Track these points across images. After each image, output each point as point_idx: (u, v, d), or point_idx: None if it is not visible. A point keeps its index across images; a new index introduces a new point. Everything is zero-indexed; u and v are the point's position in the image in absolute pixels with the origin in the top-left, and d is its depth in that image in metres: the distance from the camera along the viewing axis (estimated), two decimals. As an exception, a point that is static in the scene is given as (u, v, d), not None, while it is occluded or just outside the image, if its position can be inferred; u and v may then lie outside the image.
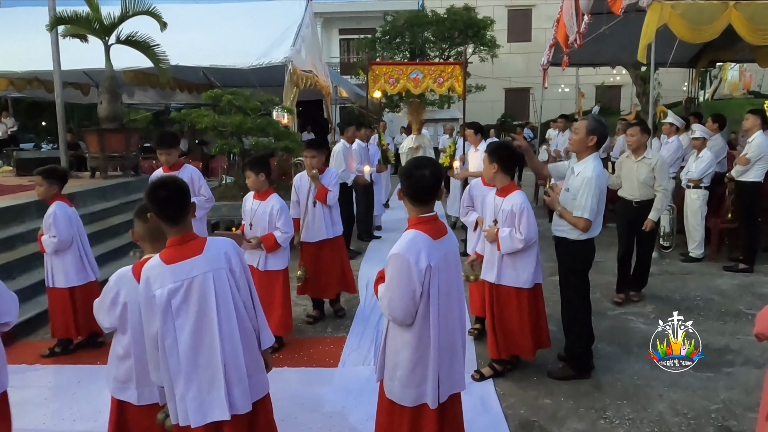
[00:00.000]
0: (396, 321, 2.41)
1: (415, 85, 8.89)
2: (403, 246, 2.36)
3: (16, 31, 11.94)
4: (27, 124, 17.37)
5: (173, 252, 2.32)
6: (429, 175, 2.40)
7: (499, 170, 3.77)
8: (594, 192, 3.61)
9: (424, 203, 2.45)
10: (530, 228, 3.68)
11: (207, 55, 10.63)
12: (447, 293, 2.45)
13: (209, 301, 2.32)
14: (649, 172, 5.33)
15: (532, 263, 3.81)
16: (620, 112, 24.99)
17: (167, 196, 2.30)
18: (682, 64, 11.56)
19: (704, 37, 6.21)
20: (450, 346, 2.49)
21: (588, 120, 3.81)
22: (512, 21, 27.33)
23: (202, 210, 4.86)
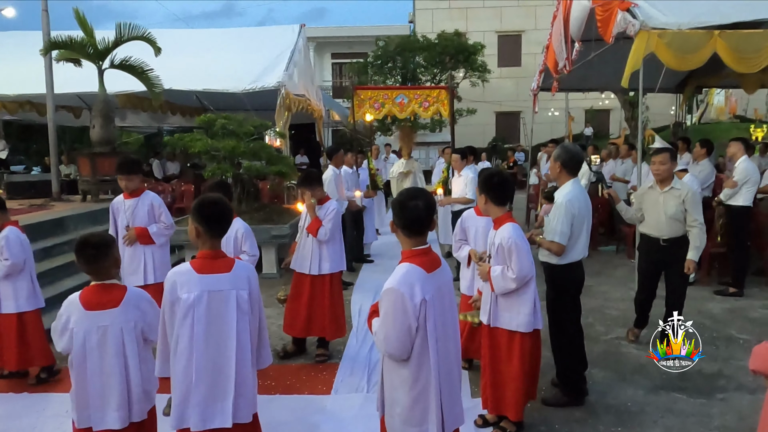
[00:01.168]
0: (392, 357, 2.36)
1: (400, 110, 8.88)
2: (397, 280, 2.32)
3: (10, 55, 11.98)
4: (17, 147, 17.29)
5: (206, 264, 2.55)
6: (423, 206, 2.38)
7: (489, 201, 3.43)
8: (564, 216, 3.67)
9: (417, 235, 2.43)
10: (522, 264, 3.28)
11: (200, 79, 10.72)
12: (443, 327, 2.42)
13: (230, 316, 2.53)
14: (679, 205, 4.63)
15: (528, 304, 3.39)
16: (609, 136, 25.32)
17: (218, 213, 2.58)
18: (669, 89, 11.76)
19: (690, 65, 6.33)
20: (449, 381, 2.45)
21: (556, 148, 3.94)
22: (502, 46, 27.78)
23: (161, 237, 4.69)
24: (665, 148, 4.82)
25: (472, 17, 27.62)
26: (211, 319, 2.50)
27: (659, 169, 4.70)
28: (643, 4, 6.32)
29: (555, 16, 9.18)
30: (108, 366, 2.65)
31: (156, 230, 4.66)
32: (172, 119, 15.24)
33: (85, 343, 2.64)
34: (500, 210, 3.44)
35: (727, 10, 6.34)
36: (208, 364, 2.49)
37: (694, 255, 4.63)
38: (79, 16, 8.94)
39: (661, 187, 4.76)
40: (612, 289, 6.82)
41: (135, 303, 2.75)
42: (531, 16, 27.03)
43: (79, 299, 2.69)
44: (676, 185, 4.70)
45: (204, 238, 2.57)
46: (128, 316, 2.70)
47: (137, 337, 2.72)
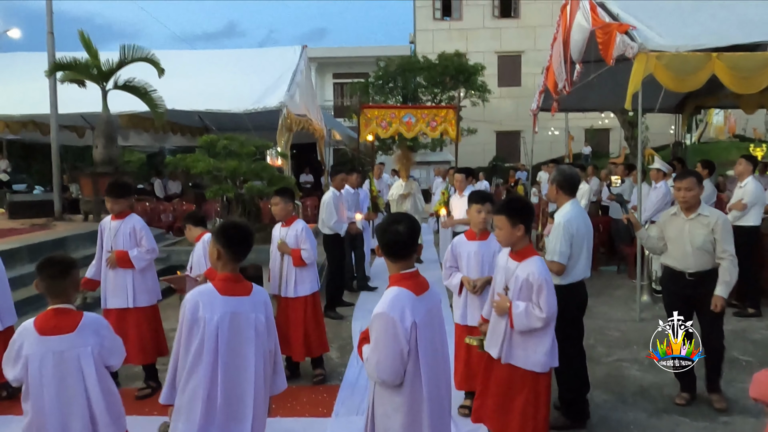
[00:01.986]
0: (385, 383, 2.33)
1: (407, 129, 8.78)
2: (387, 304, 2.31)
3: (15, 75, 12.12)
4: (20, 166, 17.37)
5: (228, 286, 2.58)
6: (403, 230, 2.39)
7: (525, 233, 3.12)
8: (562, 236, 3.71)
9: (401, 259, 2.43)
10: (551, 303, 3.03)
11: (203, 99, 10.81)
12: (434, 350, 2.41)
13: (250, 339, 2.56)
14: (707, 235, 4.08)
15: (546, 342, 3.10)
16: (609, 155, 25.41)
17: (241, 237, 2.64)
18: (668, 109, 11.84)
19: (689, 86, 6.39)
20: (440, 406, 2.44)
21: (553, 170, 4.02)
22: (502, 66, 28.06)
23: (141, 261, 4.61)
24: (690, 171, 4.40)
25: (472, 38, 27.94)
26: (232, 341, 2.51)
27: (685, 195, 4.15)
28: (642, 27, 6.40)
29: (555, 38, 9.29)
30: (67, 395, 2.58)
31: (136, 254, 4.59)
32: (175, 139, 15.35)
33: (41, 370, 2.56)
34: (527, 240, 3.17)
35: (725, 33, 6.42)
36: (230, 386, 2.50)
37: (723, 291, 4.05)
38: (84, 39, 9.06)
39: (686, 215, 4.21)
40: (613, 309, 6.79)
41: (93, 328, 2.68)
42: (530, 37, 27.34)
43: (34, 325, 2.62)
44: (703, 212, 4.16)
45: (225, 260, 2.60)
46: (85, 341, 2.63)
47: (96, 362, 2.65)
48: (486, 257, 3.93)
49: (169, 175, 16.60)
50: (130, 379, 4.83)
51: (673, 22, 6.76)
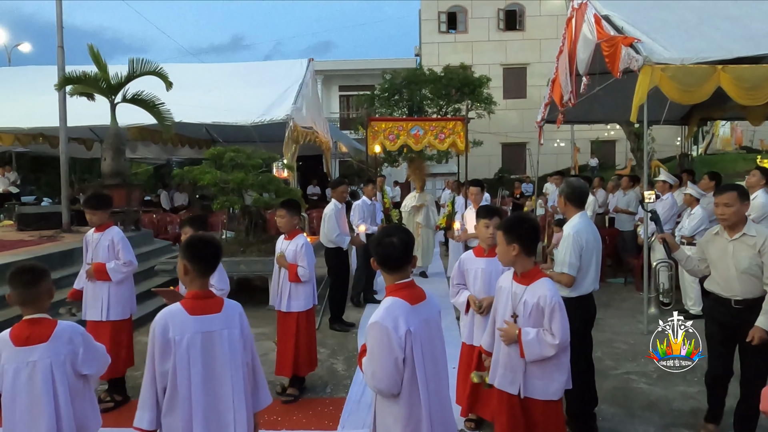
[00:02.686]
0: (382, 393, 2.35)
1: (415, 142, 8.70)
2: (381, 314, 2.33)
3: (25, 89, 12.27)
4: (28, 178, 17.53)
5: (197, 304, 2.53)
6: (397, 242, 2.41)
7: (521, 253, 2.91)
8: (572, 247, 3.70)
9: (396, 270, 2.45)
10: (565, 328, 2.85)
11: (210, 112, 10.91)
12: (433, 360, 2.42)
13: (224, 356, 2.52)
14: (754, 257, 3.61)
15: (564, 370, 2.94)
16: (615, 167, 25.38)
17: (209, 252, 2.58)
18: (674, 121, 11.84)
19: (695, 98, 6.39)
20: (442, 416, 2.44)
21: (562, 183, 4.03)
22: (507, 79, 28.15)
23: (118, 274, 4.60)
24: (733, 186, 3.92)
25: (478, 50, 28.08)
26: (206, 361, 2.48)
27: (725, 212, 3.73)
28: (646, 40, 6.42)
29: (561, 50, 9.33)
30: (37, 404, 2.54)
31: (113, 267, 4.59)
32: (182, 151, 15.46)
33: (15, 381, 2.54)
34: (530, 262, 2.96)
35: (730, 45, 6.43)
36: (208, 407, 2.46)
37: (765, 322, 3.47)
38: (94, 53, 9.17)
39: (729, 234, 3.77)
40: (620, 322, 6.75)
41: (67, 337, 2.64)
42: (535, 49, 27.44)
43: (9, 336, 2.60)
44: (749, 231, 3.70)
45: (192, 276, 2.56)
46: (58, 350, 2.59)
47: (68, 372, 2.62)
48: (494, 275, 3.74)
49: (176, 187, 16.71)
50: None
51: (678, 35, 6.79)
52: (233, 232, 8.76)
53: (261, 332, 6.65)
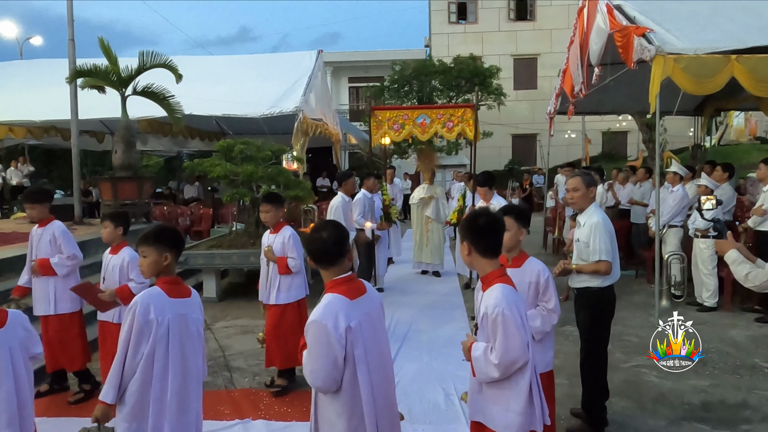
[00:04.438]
0: (320, 390, 2.35)
1: (422, 131, 8.19)
2: (320, 312, 2.30)
3: (36, 82, 12.34)
4: (41, 171, 17.69)
5: (174, 288, 2.72)
6: (326, 237, 2.39)
7: (474, 251, 2.53)
8: (604, 234, 3.66)
9: (331, 265, 2.41)
10: (510, 345, 2.36)
11: (220, 104, 10.91)
12: (377, 353, 2.42)
13: (193, 338, 2.73)
14: None
15: (521, 398, 2.43)
16: (627, 158, 25.16)
17: (181, 240, 2.80)
18: (687, 112, 11.71)
19: (708, 89, 6.31)
20: (389, 408, 2.45)
21: (581, 176, 3.85)
22: (518, 69, 27.92)
23: (63, 268, 4.56)
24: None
25: (488, 41, 27.86)
26: (182, 342, 2.66)
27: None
28: (659, 30, 6.35)
29: (572, 41, 9.24)
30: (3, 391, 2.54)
31: (57, 261, 4.57)
32: (192, 143, 15.51)
33: None
34: (489, 264, 2.53)
35: (744, 36, 6.34)
36: (179, 383, 2.64)
37: None
38: (104, 45, 9.19)
39: None
40: (631, 315, 6.71)
41: (18, 322, 2.68)
42: (546, 40, 27.19)
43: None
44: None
45: (171, 264, 2.74)
46: (15, 333, 2.61)
47: (24, 355, 2.64)
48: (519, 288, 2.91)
49: (186, 180, 16.79)
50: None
51: (691, 25, 6.70)
52: (243, 224, 8.80)
53: (271, 324, 6.69)
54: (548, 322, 3.18)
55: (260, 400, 4.54)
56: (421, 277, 9.00)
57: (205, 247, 8.05)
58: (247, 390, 4.77)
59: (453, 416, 4.15)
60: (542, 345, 3.22)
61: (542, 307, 3.17)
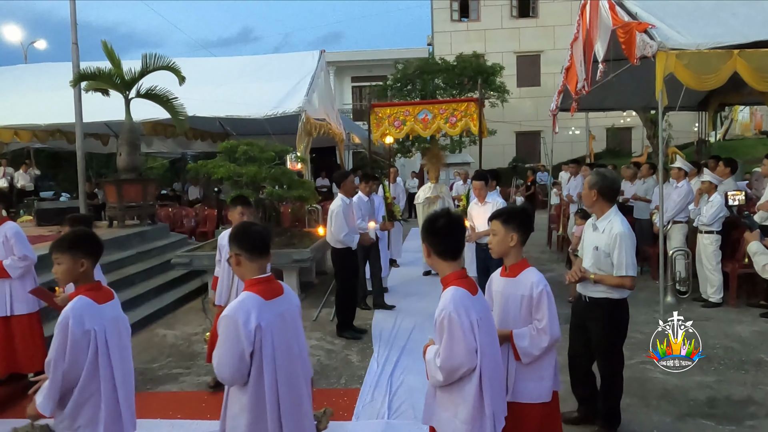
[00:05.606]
0: (225, 381, 2.45)
1: (423, 127, 7.81)
2: (233, 307, 2.41)
3: (41, 86, 12.42)
4: (47, 174, 17.79)
5: (100, 294, 2.68)
6: (256, 234, 2.52)
7: (433, 253, 2.49)
8: (629, 247, 3.49)
9: (255, 258, 2.51)
10: (453, 350, 2.31)
11: (223, 106, 10.96)
12: (287, 353, 2.49)
13: (124, 340, 2.75)
14: None
15: (467, 404, 2.35)
16: (631, 154, 25.08)
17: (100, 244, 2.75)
18: (690, 107, 11.67)
19: (710, 85, 6.30)
20: (297, 407, 2.50)
21: (590, 175, 3.70)
22: (521, 67, 27.85)
23: (16, 269, 4.58)
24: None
25: (491, 39, 27.80)
26: (120, 346, 2.68)
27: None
28: (661, 26, 6.33)
29: (575, 37, 9.22)
30: None
31: (9, 263, 4.59)
32: (196, 145, 15.57)
33: None
34: (448, 266, 2.48)
35: (746, 30, 6.32)
36: (124, 388, 2.65)
37: None
38: (107, 49, 9.24)
39: None
40: (636, 311, 6.65)
41: None
42: (549, 37, 27.10)
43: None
44: None
45: (89, 269, 2.68)
46: None
47: None
48: (512, 301, 2.84)
49: (191, 181, 16.85)
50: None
51: (693, 20, 6.68)
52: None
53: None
54: (536, 344, 2.73)
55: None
56: (426, 279, 8.74)
57: (209, 248, 8.08)
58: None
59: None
60: (534, 371, 2.78)
61: (534, 326, 2.76)
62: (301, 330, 2.67)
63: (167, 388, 4.91)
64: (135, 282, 7.55)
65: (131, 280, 7.51)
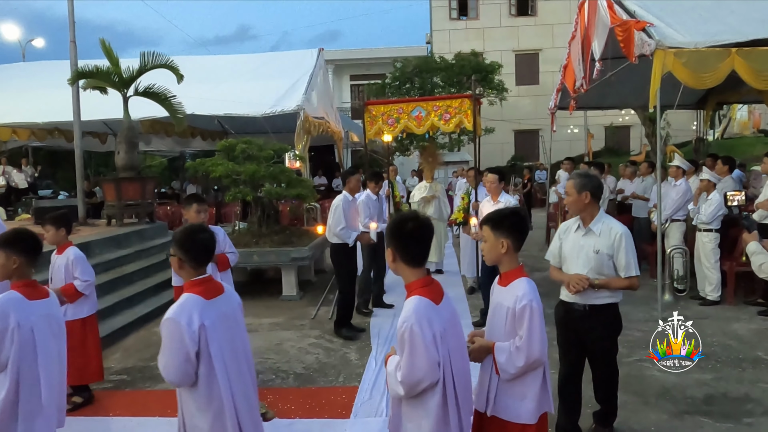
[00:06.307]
0: (173, 384, 2.48)
1: (417, 124, 7.70)
2: (175, 310, 2.43)
3: (39, 84, 12.39)
4: (45, 172, 17.77)
5: (32, 291, 2.79)
6: (203, 240, 2.59)
7: (398, 259, 2.35)
8: (631, 246, 3.41)
9: (199, 266, 2.57)
10: (414, 364, 2.19)
11: (222, 104, 10.95)
12: (233, 350, 2.55)
13: (56, 336, 2.81)
14: None
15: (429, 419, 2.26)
16: (630, 153, 25.10)
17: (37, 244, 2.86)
18: (689, 106, 11.67)
19: (708, 83, 6.28)
20: (247, 402, 2.57)
21: (574, 178, 3.52)
22: (519, 65, 27.87)
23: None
24: None
25: (489, 37, 27.81)
26: (47, 341, 2.75)
27: None
28: (659, 24, 6.33)
29: (573, 35, 9.22)
30: None
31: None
32: (195, 143, 15.56)
33: None
34: (413, 273, 2.35)
35: (745, 28, 6.32)
36: (49, 381, 2.71)
37: None
38: (105, 47, 9.23)
39: None
40: (634, 309, 6.70)
41: None
42: (548, 35, 27.11)
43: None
44: None
45: (24, 268, 2.81)
46: None
47: None
48: (499, 311, 2.64)
49: (189, 179, 16.84)
50: (153, 381, 4.89)
51: (691, 18, 6.67)
52: (246, 224, 8.83)
53: (274, 322, 6.73)
54: (512, 362, 2.50)
55: (264, 398, 4.56)
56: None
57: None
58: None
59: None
60: (515, 388, 2.56)
61: (514, 342, 2.52)
62: (244, 327, 2.74)
63: (165, 386, 4.90)
64: (133, 280, 7.55)
65: (130, 279, 7.51)
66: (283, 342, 6.01)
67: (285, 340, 6.09)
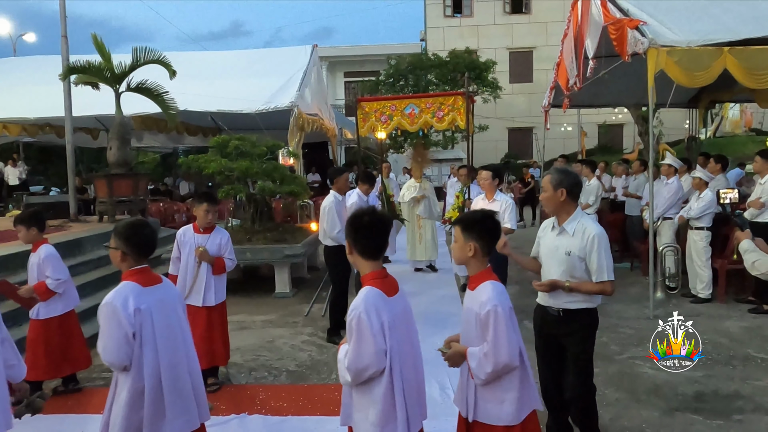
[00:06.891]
0: (113, 366, 2.57)
1: (410, 122, 7.59)
2: (111, 295, 2.58)
3: (30, 79, 12.30)
4: (36, 168, 17.67)
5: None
6: (148, 234, 2.74)
7: (355, 252, 2.43)
8: (607, 249, 3.21)
9: (140, 257, 2.72)
10: (362, 353, 2.27)
11: (215, 100, 10.90)
12: (168, 336, 2.66)
13: None
14: None
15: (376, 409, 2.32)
16: (623, 151, 25.21)
17: None
18: (681, 104, 11.71)
19: (701, 82, 6.31)
20: (179, 386, 2.66)
21: (552, 174, 3.32)
22: (513, 63, 27.93)
23: None
24: None
25: (483, 35, 27.83)
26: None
27: None
28: (652, 22, 6.35)
29: (566, 33, 9.24)
30: None
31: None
32: (188, 139, 15.49)
33: None
34: (368, 265, 2.41)
35: (737, 27, 6.35)
36: None
37: None
38: (97, 42, 9.16)
39: None
40: (626, 307, 6.75)
41: None
42: (542, 33, 27.16)
43: None
44: None
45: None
46: None
47: None
48: (469, 316, 2.62)
49: (183, 176, 16.77)
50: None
51: (684, 16, 6.70)
52: (239, 220, 8.80)
53: (267, 320, 6.71)
54: (482, 368, 2.47)
55: (256, 395, 4.57)
56: (417, 276, 8.75)
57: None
58: (244, 385, 4.80)
59: (449, 409, 4.15)
60: (493, 393, 2.54)
61: (482, 348, 2.48)
62: (184, 318, 2.83)
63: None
64: (125, 277, 7.50)
65: (121, 275, 7.45)
66: (275, 339, 6.00)
67: (278, 337, 6.08)
